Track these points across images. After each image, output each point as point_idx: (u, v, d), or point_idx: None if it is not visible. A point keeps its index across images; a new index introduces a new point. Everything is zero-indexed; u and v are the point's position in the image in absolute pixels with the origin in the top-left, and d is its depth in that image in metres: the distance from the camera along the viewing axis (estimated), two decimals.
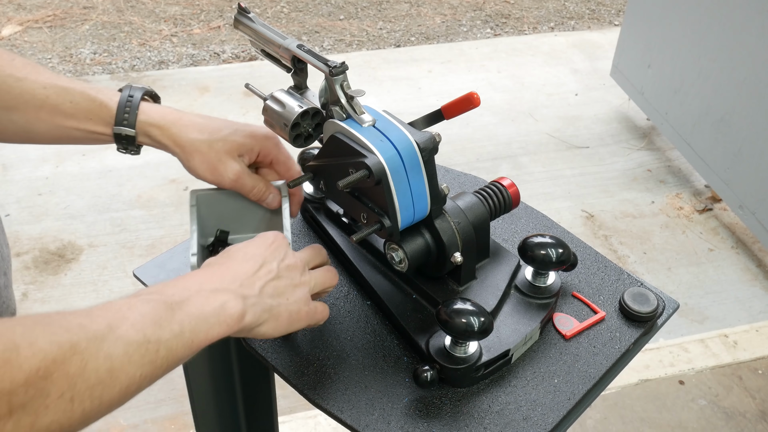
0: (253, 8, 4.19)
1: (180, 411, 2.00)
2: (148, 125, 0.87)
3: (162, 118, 0.87)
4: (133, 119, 0.86)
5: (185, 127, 0.87)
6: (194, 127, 0.87)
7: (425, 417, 0.81)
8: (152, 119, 0.87)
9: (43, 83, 0.85)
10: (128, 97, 0.87)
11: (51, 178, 2.84)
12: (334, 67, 0.80)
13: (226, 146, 0.87)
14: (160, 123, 0.87)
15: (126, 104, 0.87)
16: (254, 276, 0.75)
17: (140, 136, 0.87)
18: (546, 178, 2.97)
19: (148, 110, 0.87)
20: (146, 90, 0.90)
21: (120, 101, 0.87)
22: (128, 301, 0.64)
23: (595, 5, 4.43)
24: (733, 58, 2.51)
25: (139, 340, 0.61)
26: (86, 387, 0.57)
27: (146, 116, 0.87)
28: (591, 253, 1.02)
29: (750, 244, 2.68)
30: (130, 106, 0.87)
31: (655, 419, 2.01)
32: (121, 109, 0.86)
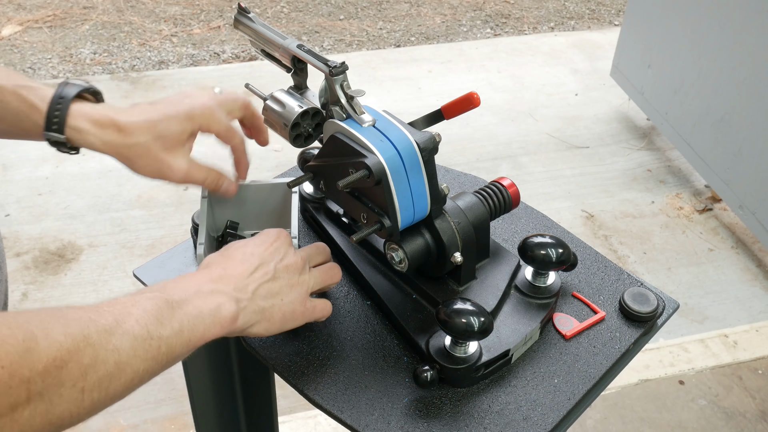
0: (253, 8, 4.19)
1: (180, 411, 2.00)
2: (76, 131, 0.81)
3: (93, 123, 0.81)
4: (62, 124, 0.80)
5: (118, 131, 0.81)
6: (125, 130, 0.81)
7: (425, 417, 0.81)
8: (82, 124, 0.81)
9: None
10: (59, 98, 0.81)
11: (51, 178, 2.84)
12: (334, 67, 0.80)
13: (165, 143, 0.83)
14: (91, 129, 0.81)
15: (56, 107, 0.80)
16: (249, 278, 0.76)
17: (72, 141, 0.81)
18: (546, 178, 2.98)
19: (78, 113, 0.81)
20: (83, 87, 0.83)
21: (51, 103, 0.80)
22: (132, 298, 0.66)
23: (595, 5, 4.43)
24: (733, 58, 2.51)
25: (143, 335, 0.63)
26: (96, 378, 0.59)
27: (75, 120, 0.80)
28: (591, 253, 1.02)
29: (750, 244, 2.68)
30: (59, 109, 0.80)
31: (655, 419, 2.01)
32: (50, 112, 0.80)
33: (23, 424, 0.54)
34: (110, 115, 0.82)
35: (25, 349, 0.53)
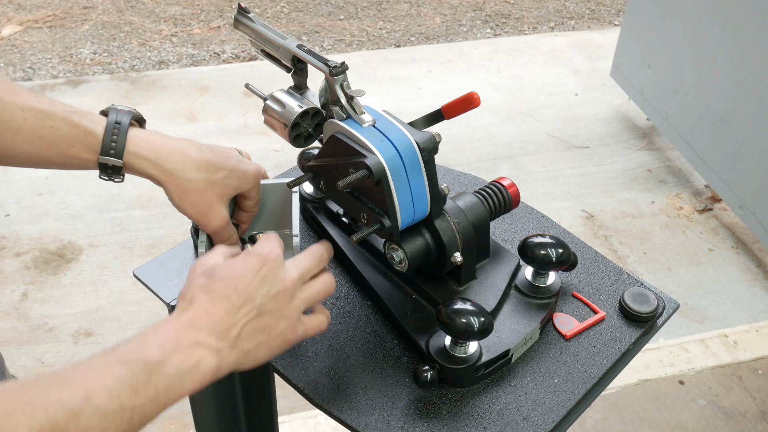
0: (253, 8, 4.19)
1: (180, 411, 2.00)
2: (136, 156, 0.81)
3: (153, 151, 0.82)
4: (121, 149, 0.80)
5: (181, 163, 0.82)
6: (191, 163, 0.82)
7: (425, 417, 0.81)
8: (142, 150, 0.81)
9: (21, 105, 0.78)
10: (115, 123, 0.81)
11: (51, 178, 2.84)
12: (334, 67, 0.80)
13: (222, 190, 0.84)
14: (151, 156, 0.82)
15: (113, 132, 0.80)
16: (233, 318, 0.69)
17: (127, 167, 0.82)
18: (546, 178, 2.98)
19: (136, 140, 0.81)
20: (133, 114, 0.84)
21: (107, 128, 0.80)
22: (107, 360, 0.62)
23: (595, 5, 4.43)
24: (733, 58, 2.51)
25: (115, 409, 0.61)
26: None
27: (135, 147, 0.81)
28: (591, 253, 1.02)
29: (750, 244, 2.68)
30: (117, 134, 0.81)
31: (655, 419, 2.01)
32: (107, 137, 0.80)
33: None
34: (166, 143, 0.83)
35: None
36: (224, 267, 0.72)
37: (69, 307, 2.29)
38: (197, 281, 0.72)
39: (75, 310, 2.28)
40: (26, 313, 2.27)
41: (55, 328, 2.22)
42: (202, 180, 0.83)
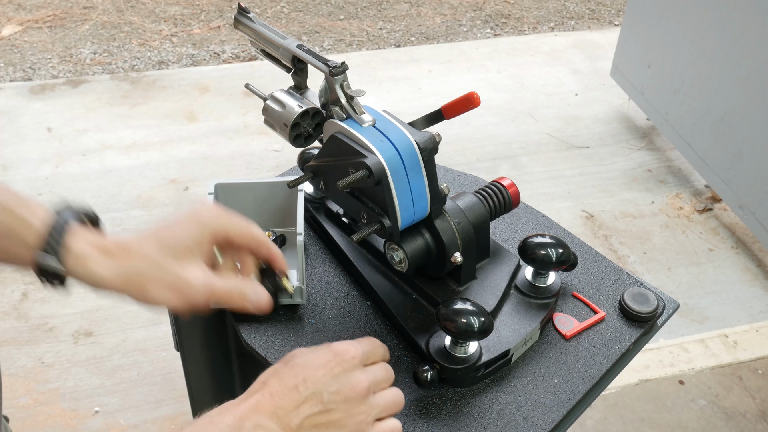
0: (253, 8, 4.19)
1: (180, 411, 2.00)
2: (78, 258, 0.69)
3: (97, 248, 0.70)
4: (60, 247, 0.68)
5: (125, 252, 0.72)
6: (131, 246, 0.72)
7: (425, 417, 0.81)
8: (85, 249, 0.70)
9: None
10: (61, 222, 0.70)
11: (51, 178, 2.84)
12: (334, 67, 0.80)
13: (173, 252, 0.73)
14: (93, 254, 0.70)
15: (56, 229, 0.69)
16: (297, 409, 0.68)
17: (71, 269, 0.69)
18: (546, 178, 2.98)
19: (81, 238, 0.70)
20: (84, 211, 0.74)
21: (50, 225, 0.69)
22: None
23: (595, 5, 4.43)
24: (733, 58, 2.51)
25: None
26: None
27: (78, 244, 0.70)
28: (591, 253, 1.02)
29: (750, 244, 2.68)
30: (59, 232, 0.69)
31: (655, 419, 2.01)
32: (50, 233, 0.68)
33: None
34: (115, 240, 0.73)
35: None
36: (301, 356, 0.72)
37: (69, 307, 2.29)
38: (275, 366, 0.72)
39: (75, 310, 2.28)
40: (26, 313, 2.27)
41: (55, 328, 2.22)
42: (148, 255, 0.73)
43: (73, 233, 0.70)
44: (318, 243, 1.02)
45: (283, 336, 0.89)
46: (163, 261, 0.72)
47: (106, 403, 2.02)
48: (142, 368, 2.12)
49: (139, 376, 2.10)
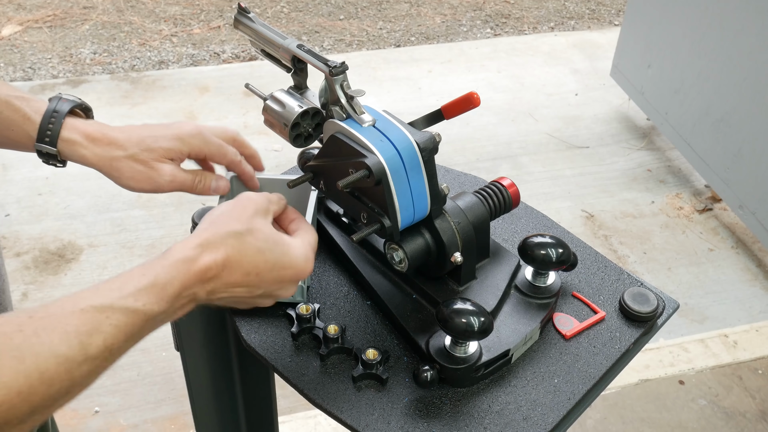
0: (253, 8, 4.19)
1: (180, 411, 2.00)
2: (69, 143, 0.84)
3: (85, 137, 0.84)
4: (56, 137, 0.83)
5: (108, 144, 0.84)
6: (116, 144, 0.84)
7: (425, 417, 0.81)
8: (75, 137, 0.84)
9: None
10: (53, 111, 0.83)
11: (51, 178, 2.84)
12: (334, 67, 0.80)
13: (152, 155, 0.85)
14: (83, 142, 0.84)
15: (50, 120, 0.83)
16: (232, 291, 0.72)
17: (63, 154, 0.85)
18: (546, 178, 2.98)
19: (71, 127, 0.84)
20: (76, 103, 0.86)
21: (44, 116, 0.83)
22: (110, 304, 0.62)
23: (595, 5, 4.43)
24: (733, 58, 2.51)
25: (105, 356, 0.61)
26: (46, 407, 0.57)
27: (69, 134, 0.83)
28: (591, 253, 1.02)
29: (750, 244, 2.68)
30: (53, 122, 0.83)
31: (655, 419, 2.01)
32: (44, 124, 0.83)
33: None
34: (103, 130, 0.85)
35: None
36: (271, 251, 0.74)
37: None
38: (245, 238, 0.72)
39: None
40: None
41: None
42: (131, 154, 0.84)
43: (66, 124, 0.83)
44: (318, 243, 1.02)
45: (283, 336, 0.89)
46: (141, 157, 0.85)
47: (106, 403, 2.02)
48: (142, 368, 2.12)
49: (139, 376, 2.10)
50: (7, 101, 0.82)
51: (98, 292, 0.63)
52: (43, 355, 0.56)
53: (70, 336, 0.58)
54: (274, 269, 0.74)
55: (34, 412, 0.56)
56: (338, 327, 0.86)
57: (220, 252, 0.70)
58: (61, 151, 0.84)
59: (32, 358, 0.55)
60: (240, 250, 0.72)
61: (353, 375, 0.84)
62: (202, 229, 0.73)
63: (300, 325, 0.88)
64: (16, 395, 0.54)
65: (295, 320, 0.88)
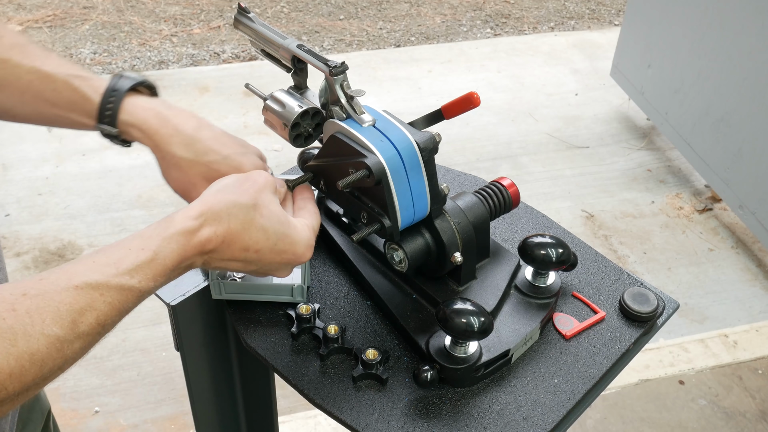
0: (253, 8, 4.19)
1: (180, 411, 2.00)
2: (128, 125, 0.81)
3: (144, 122, 0.81)
4: (114, 118, 0.80)
5: (170, 138, 0.81)
6: (180, 141, 0.81)
7: (425, 417, 0.81)
8: (134, 120, 0.81)
9: (28, 67, 0.80)
10: (112, 91, 0.81)
11: (51, 178, 2.84)
12: (334, 67, 0.80)
13: (208, 173, 0.82)
14: (142, 127, 0.81)
15: (109, 100, 0.80)
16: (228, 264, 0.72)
17: (124, 134, 0.82)
18: (546, 178, 2.97)
19: (132, 109, 0.81)
20: (137, 81, 0.83)
21: (104, 96, 0.80)
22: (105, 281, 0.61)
23: (595, 5, 4.43)
24: (733, 58, 2.51)
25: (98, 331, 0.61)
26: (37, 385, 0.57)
27: (129, 115, 0.81)
28: (591, 253, 1.02)
29: (750, 244, 2.68)
30: (113, 102, 0.80)
31: (655, 419, 2.01)
32: (103, 105, 0.80)
33: None
34: (161, 115, 0.81)
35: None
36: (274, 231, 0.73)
37: None
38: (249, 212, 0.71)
39: None
40: None
41: None
42: (187, 158, 0.81)
43: (125, 104, 0.80)
44: (318, 243, 1.02)
45: (283, 336, 0.89)
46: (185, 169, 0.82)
47: (106, 403, 2.02)
48: (142, 368, 2.12)
49: (139, 376, 2.10)
50: (66, 81, 0.81)
51: (94, 267, 0.62)
52: (34, 337, 0.56)
53: (63, 315, 0.58)
54: (274, 250, 0.73)
55: (26, 390, 0.56)
56: (338, 327, 0.86)
57: (223, 225, 0.70)
58: (122, 132, 0.81)
59: (24, 340, 0.55)
60: (243, 223, 0.71)
61: (353, 375, 0.84)
62: (209, 194, 0.72)
63: (300, 325, 0.88)
64: (8, 377, 0.54)
65: (295, 320, 0.88)
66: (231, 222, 0.70)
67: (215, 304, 0.97)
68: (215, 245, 0.69)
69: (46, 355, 0.56)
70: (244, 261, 0.73)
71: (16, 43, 0.81)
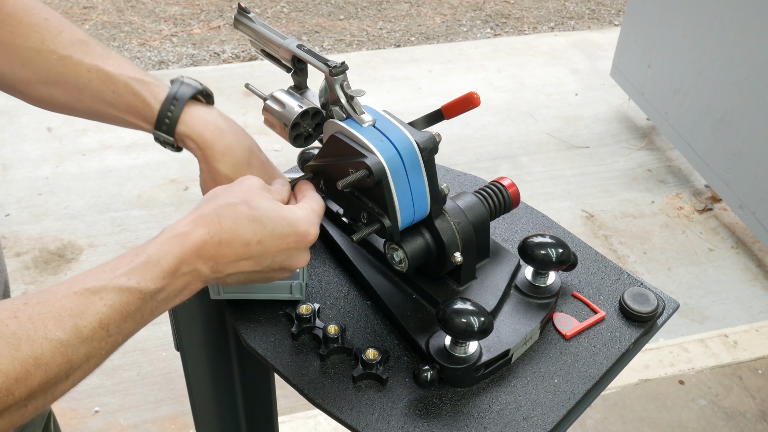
0: (253, 8, 4.19)
1: (180, 411, 2.00)
2: (185, 136, 0.82)
3: (200, 135, 0.82)
4: (173, 127, 0.81)
5: (222, 156, 0.82)
6: (230, 160, 0.82)
7: (425, 417, 0.81)
8: (190, 131, 0.82)
9: (88, 66, 0.80)
10: (173, 99, 0.81)
11: (51, 178, 2.84)
12: (334, 67, 0.80)
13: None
14: (197, 140, 0.82)
15: (169, 108, 0.81)
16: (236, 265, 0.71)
17: (179, 142, 0.83)
18: (546, 178, 2.98)
19: (190, 119, 0.82)
20: (197, 89, 0.83)
21: (164, 103, 0.81)
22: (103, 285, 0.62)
23: (595, 5, 4.43)
24: (733, 58, 2.51)
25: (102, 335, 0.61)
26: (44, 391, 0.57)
27: (186, 126, 0.81)
28: (591, 253, 1.02)
29: (750, 244, 2.68)
30: (172, 111, 0.81)
31: (655, 419, 2.01)
32: (162, 112, 0.81)
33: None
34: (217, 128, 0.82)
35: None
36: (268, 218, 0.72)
37: None
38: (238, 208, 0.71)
39: None
40: None
41: None
42: (231, 178, 0.82)
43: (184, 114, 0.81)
44: (318, 243, 1.02)
45: (283, 336, 0.89)
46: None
47: (106, 403, 2.03)
48: (142, 368, 2.12)
49: (139, 376, 2.10)
50: (127, 84, 0.81)
51: (92, 275, 0.63)
52: (37, 341, 0.56)
53: (64, 319, 0.58)
54: (275, 236, 0.72)
55: (33, 396, 0.56)
56: (338, 327, 0.86)
57: (214, 225, 0.69)
58: (177, 140, 0.82)
59: (27, 344, 0.55)
60: (234, 219, 0.70)
61: (353, 375, 0.84)
62: (198, 206, 0.73)
63: (300, 325, 0.88)
64: (14, 381, 0.54)
65: (295, 320, 0.88)
66: (222, 221, 0.70)
67: (215, 304, 0.97)
68: (213, 247, 0.69)
69: (50, 359, 0.56)
70: (252, 257, 0.72)
71: (76, 40, 0.80)
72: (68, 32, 0.80)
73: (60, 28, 0.80)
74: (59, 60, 0.79)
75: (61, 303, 0.59)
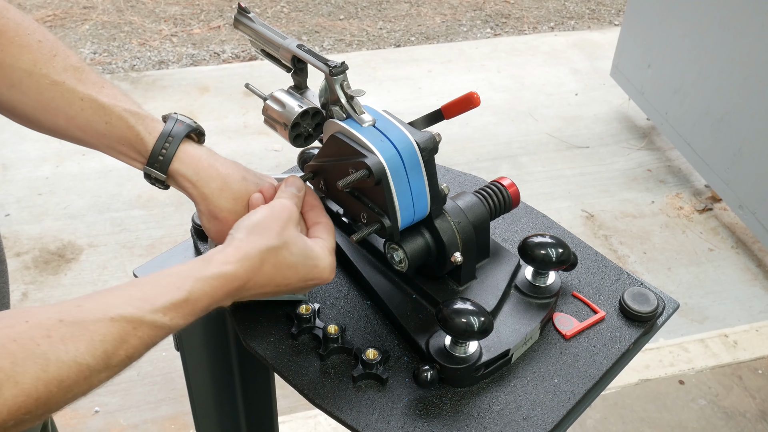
0: (253, 8, 4.19)
1: (180, 411, 2.00)
2: (178, 174, 0.81)
3: (195, 172, 0.81)
4: (166, 164, 0.80)
5: (219, 190, 0.81)
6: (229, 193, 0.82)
7: (425, 417, 0.81)
8: (185, 170, 0.81)
9: (81, 94, 0.78)
10: (168, 137, 0.80)
11: (51, 178, 2.84)
12: (334, 67, 0.80)
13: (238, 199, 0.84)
14: (192, 177, 0.81)
15: (164, 145, 0.80)
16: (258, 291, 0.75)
17: (170, 181, 0.82)
18: (546, 178, 2.98)
19: (184, 156, 0.81)
20: (192, 127, 0.83)
21: (159, 139, 0.80)
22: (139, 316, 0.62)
23: (595, 5, 4.43)
24: (733, 58, 2.51)
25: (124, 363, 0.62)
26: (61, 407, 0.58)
27: (181, 164, 0.80)
28: (591, 253, 1.02)
29: (750, 244, 2.68)
30: (167, 149, 0.80)
31: (655, 419, 2.01)
32: (157, 149, 0.79)
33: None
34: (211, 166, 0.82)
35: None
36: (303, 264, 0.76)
37: None
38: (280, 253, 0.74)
39: None
40: None
41: None
42: (235, 212, 0.82)
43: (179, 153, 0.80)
44: None
45: (283, 336, 0.89)
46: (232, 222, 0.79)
47: (106, 403, 2.03)
48: (142, 368, 2.12)
49: (139, 376, 2.10)
50: (121, 116, 0.79)
51: (130, 300, 0.63)
52: (66, 364, 0.56)
53: (96, 345, 0.59)
54: (302, 280, 0.77)
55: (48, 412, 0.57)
56: (338, 327, 0.86)
57: (255, 269, 0.72)
58: (168, 177, 0.81)
59: (55, 366, 0.56)
60: (274, 264, 0.74)
61: (353, 375, 0.84)
62: (241, 237, 0.73)
63: (300, 325, 0.88)
64: (34, 402, 0.54)
65: (295, 320, 0.88)
66: (264, 267, 0.73)
67: None
68: (246, 290, 0.73)
69: (74, 383, 0.57)
70: (273, 293, 0.77)
71: (70, 66, 0.79)
72: (62, 56, 0.78)
73: (53, 51, 0.78)
74: (51, 85, 0.78)
75: (95, 327, 0.60)
